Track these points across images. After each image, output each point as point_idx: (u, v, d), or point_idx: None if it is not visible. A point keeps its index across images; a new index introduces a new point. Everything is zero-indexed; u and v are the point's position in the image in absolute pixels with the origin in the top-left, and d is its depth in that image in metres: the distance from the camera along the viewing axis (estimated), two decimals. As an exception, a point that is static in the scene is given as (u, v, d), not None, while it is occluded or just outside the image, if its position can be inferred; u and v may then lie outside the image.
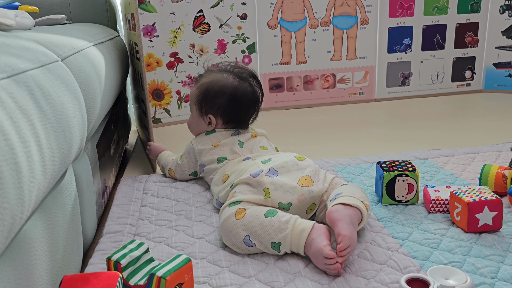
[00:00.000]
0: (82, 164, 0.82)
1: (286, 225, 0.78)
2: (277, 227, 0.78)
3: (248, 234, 0.79)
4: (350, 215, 0.78)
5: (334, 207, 0.79)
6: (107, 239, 0.88)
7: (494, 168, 1.02)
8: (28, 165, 0.46)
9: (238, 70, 1.11)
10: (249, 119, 1.12)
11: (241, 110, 1.09)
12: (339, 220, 0.76)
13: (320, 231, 0.76)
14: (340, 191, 0.85)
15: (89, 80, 0.81)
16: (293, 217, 0.80)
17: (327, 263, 0.73)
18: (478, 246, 0.81)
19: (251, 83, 1.11)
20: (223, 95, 1.08)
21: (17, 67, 0.53)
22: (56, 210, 0.63)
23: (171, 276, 0.64)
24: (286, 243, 0.78)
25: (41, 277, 0.55)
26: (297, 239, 0.77)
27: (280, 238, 0.78)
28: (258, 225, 0.79)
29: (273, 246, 0.78)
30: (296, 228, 0.77)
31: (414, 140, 1.47)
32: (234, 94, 1.08)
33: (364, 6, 1.95)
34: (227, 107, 1.08)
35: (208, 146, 1.08)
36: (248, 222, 0.80)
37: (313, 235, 0.76)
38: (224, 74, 1.10)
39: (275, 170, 0.89)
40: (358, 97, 2.04)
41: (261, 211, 0.81)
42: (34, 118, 0.50)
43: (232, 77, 1.09)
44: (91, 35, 1.06)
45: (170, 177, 1.18)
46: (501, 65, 2.09)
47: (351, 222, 0.77)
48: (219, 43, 1.80)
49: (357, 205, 0.80)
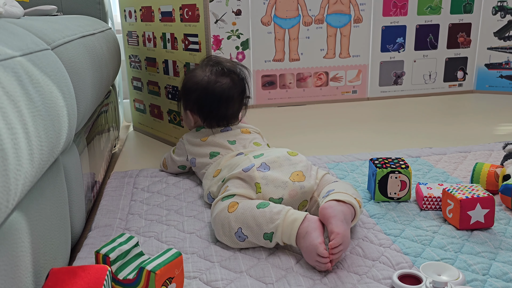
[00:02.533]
0: (71, 156, 0.80)
1: (278, 215, 0.78)
2: (269, 217, 0.78)
3: (240, 226, 0.79)
4: (343, 211, 0.77)
5: (327, 203, 0.78)
6: (96, 233, 0.86)
7: (486, 166, 1.03)
8: (14, 152, 0.44)
9: (225, 65, 1.11)
10: (234, 115, 1.11)
11: (217, 106, 1.08)
12: (332, 217, 0.75)
13: (314, 224, 0.75)
14: (332, 188, 0.85)
15: (79, 71, 0.80)
16: (285, 207, 0.79)
17: (320, 260, 0.72)
18: (470, 243, 0.81)
19: (231, 78, 1.09)
20: (194, 91, 1.09)
21: (5, 53, 0.51)
22: (43, 202, 0.62)
23: (161, 270, 0.63)
24: (278, 233, 0.77)
25: (27, 269, 0.53)
26: (288, 229, 0.76)
27: (272, 228, 0.77)
28: (250, 217, 0.78)
29: (266, 236, 0.78)
30: (288, 218, 0.77)
31: (406, 139, 1.47)
32: (204, 91, 1.08)
33: (358, 5, 1.95)
34: (200, 103, 1.09)
35: (197, 140, 1.09)
36: (240, 215, 0.79)
37: (307, 227, 0.75)
38: (205, 69, 1.10)
39: (267, 164, 0.88)
40: (350, 96, 2.04)
41: (254, 203, 0.81)
42: (21, 105, 0.49)
43: (210, 73, 1.09)
44: (82, 27, 1.04)
45: (162, 167, 1.20)
46: (492, 66, 2.10)
47: (344, 219, 0.76)
48: (214, 39, 1.78)
49: (351, 202, 0.80)
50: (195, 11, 1.22)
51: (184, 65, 1.30)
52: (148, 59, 1.50)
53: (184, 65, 1.30)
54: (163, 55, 1.41)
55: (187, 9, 1.26)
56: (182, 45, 1.31)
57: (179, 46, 1.32)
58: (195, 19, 1.22)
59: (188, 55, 1.29)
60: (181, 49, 1.32)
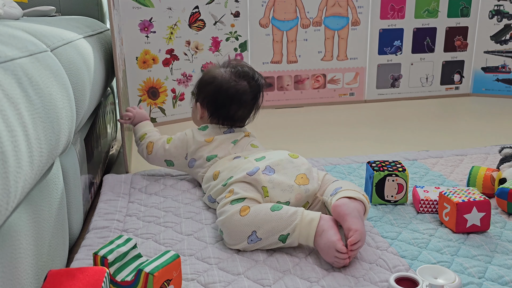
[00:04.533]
0: (69, 157, 0.80)
1: (295, 216, 0.79)
2: (285, 219, 0.78)
3: (255, 229, 0.79)
4: (357, 208, 0.79)
5: (340, 201, 0.80)
6: (94, 235, 0.86)
7: (482, 169, 1.03)
8: (14, 155, 0.45)
9: (244, 70, 1.10)
10: (241, 118, 1.10)
11: (228, 105, 1.07)
12: (348, 215, 0.77)
13: (329, 222, 0.77)
14: (339, 186, 0.86)
15: (78, 72, 0.80)
16: (299, 209, 0.80)
17: (338, 257, 0.73)
18: (466, 246, 0.82)
19: (249, 83, 1.08)
20: (209, 85, 1.09)
21: (5, 55, 0.52)
22: (42, 204, 0.62)
23: (159, 272, 0.63)
24: (295, 234, 0.78)
25: (26, 271, 0.53)
26: (306, 230, 0.77)
27: (290, 229, 0.78)
28: (265, 220, 0.79)
29: (281, 237, 0.79)
30: (305, 219, 0.78)
31: (403, 142, 1.48)
32: (219, 86, 1.07)
33: (355, 7, 1.95)
34: (212, 97, 1.08)
35: (202, 141, 1.06)
36: (253, 218, 0.79)
37: (323, 226, 0.77)
38: (226, 68, 1.10)
39: (271, 168, 0.89)
40: (348, 98, 2.05)
41: (267, 206, 0.81)
42: (21, 107, 0.49)
43: (230, 72, 1.09)
44: (80, 28, 1.04)
45: (141, 151, 1.12)
46: (489, 69, 2.11)
47: (359, 215, 0.78)
48: (213, 40, 1.78)
49: (361, 198, 0.82)
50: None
51: None
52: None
53: None
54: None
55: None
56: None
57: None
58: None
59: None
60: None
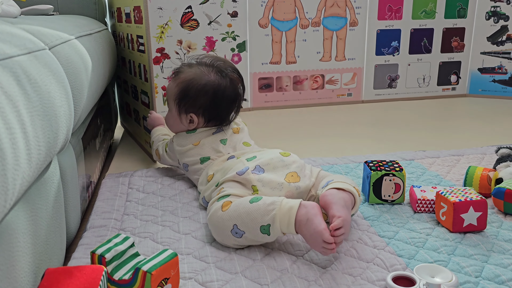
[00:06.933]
0: (67, 156, 0.80)
1: (273, 205, 0.77)
2: (263, 209, 0.77)
3: (235, 223, 0.78)
4: (344, 198, 0.79)
5: (328, 191, 0.80)
6: (91, 234, 0.86)
7: (479, 169, 1.04)
8: (12, 152, 0.44)
9: (219, 64, 1.05)
10: (231, 116, 1.07)
11: (223, 108, 1.05)
12: (333, 203, 0.76)
13: (314, 210, 0.74)
14: (331, 178, 0.87)
15: (76, 71, 0.80)
16: (279, 198, 0.79)
17: (326, 246, 0.72)
18: (462, 245, 0.82)
19: (232, 78, 1.04)
20: (205, 94, 1.02)
21: (3, 52, 0.52)
22: (39, 202, 0.62)
23: (156, 270, 0.63)
24: (275, 224, 0.76)
25: (23, 269, 0.53)
26: (286, 217, 0.75)
27: (268, 219, 0.76)
28: (244, 212, 0.78)
29: (263, 229, 0.77)
30: (284, 207, 0.76)
31: (400, 142, 1.48)
32: (216, 93, 1.02)
33: (353, 8, 1.96)
34: (209, 106, 1.03)
35: (189, 146, 1.04)
36: (233, 212, 0.79)
37: (307, 214, 0.74)
38: (204, 69, 1.03)
39: (261, 167, 0.89)
40: (345, 98, 2.06)
41: (246, 199, 0.80)
42: (19, 104, 0.49)
43: (213, 73, 1.03)
44: (79, 26, 1.04)
45: (155, 156, 1.20)
46: (485, 70, 2.12)
47: (345, 205, 0.78)
48: (207, 40, 1.78)
49: (350, 190, 0.82)
50: (141, 13, 1.23)
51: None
52: (121, 58, 1.55)
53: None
54: (128, 55, 1.44)
55: (136, 10, 1.27)
56: (136, 45, 1.33)
57: (135, 47, 1.34)
58: (141, 21, 1.23)
59: (139, 56, 1.31)
60: (136, 50, 1.34)
